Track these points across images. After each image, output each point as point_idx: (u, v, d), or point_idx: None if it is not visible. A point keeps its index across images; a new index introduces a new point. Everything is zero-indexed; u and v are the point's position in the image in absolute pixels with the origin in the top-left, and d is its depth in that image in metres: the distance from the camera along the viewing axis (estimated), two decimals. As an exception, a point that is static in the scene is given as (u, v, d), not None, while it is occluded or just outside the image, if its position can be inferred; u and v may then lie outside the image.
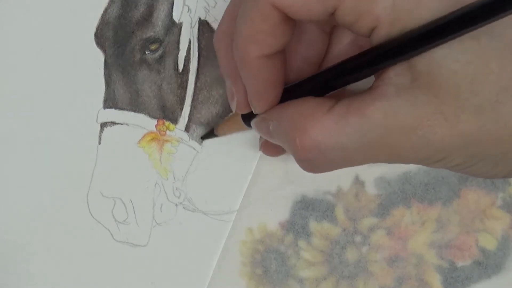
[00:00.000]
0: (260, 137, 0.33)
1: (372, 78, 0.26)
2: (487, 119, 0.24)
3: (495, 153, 0.26)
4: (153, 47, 0.34)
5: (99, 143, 0.35)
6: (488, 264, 0.34)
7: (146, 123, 0.35)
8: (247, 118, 0.30)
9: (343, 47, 0.30)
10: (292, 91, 0.28)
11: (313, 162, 0.27)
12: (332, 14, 0.25)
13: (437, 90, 0.24)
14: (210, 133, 0.35)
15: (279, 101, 0.28)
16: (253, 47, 0.26)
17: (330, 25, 0.30)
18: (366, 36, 0.25)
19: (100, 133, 0.35)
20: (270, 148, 0.33)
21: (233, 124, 0.32)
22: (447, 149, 0.25)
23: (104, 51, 0.35)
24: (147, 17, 0.34)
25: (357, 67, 0.26)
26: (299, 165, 0.28)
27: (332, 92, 0.28)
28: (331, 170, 0.28)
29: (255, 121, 0.30)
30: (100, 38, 0.35)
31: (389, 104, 0.25)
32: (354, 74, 0.26)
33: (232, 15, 0.28)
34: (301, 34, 0.29)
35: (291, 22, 0.25)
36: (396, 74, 0.25)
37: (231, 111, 0.34)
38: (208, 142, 0.35)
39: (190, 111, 0.35)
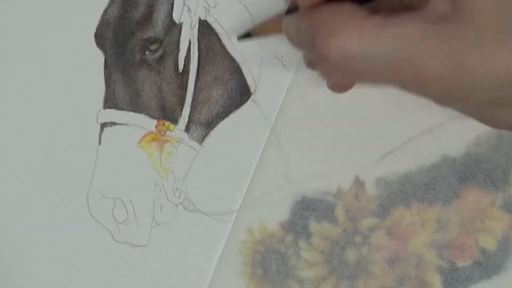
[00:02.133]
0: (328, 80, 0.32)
1: None
2: None
3: None
4: (153, 47, 0.34)
5: (99, 143, 0.35)
6: (488, 265, 0.34)
7: (146, 123, 0.35)
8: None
9: None
10: None
11: (335, 65, 0.26)
12: None
13: (479, 22, 0.24)
14: (246, 34, 0.33)
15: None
16: None
17: None
18: None
19: (100, 133, 0.35)
20: (338, 86, 0.32)
21: (271, 26, 0.31)
22: (478, 83, 0.24)
23: (104, 51, 0.35)
24: (147, 18, 0.34)
25: None
26: (320, 68, 0.27)
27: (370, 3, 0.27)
28: (347, 79, 0.27)
29: (287, 19, 0.29)
30: (100, 38, 0.35)
31: (429, 27, 0.24)
32: None
33: None
34: None
35: None
36: (440, 2, 0.24)
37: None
38: (208, 142, 0.35)
39: (190, 111, 0.35)
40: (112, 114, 0.35)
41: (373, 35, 0.25)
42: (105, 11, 0.35)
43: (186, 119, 0.35)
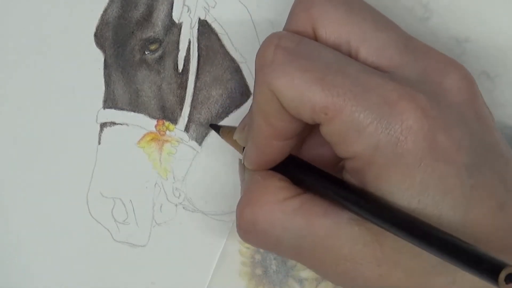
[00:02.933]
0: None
1: None
2: (417, 285, 0.25)
3: None
4: (152, 47, 0.34)
5: (99, 143, 0.35)
6: (488, 264, 0.34)
7: (146, 123, 0.35)
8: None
9: (316, 152, 0.30)
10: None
11: (247, 235, 0.28)
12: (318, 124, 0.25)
13: (383, 240, 0.25)
14: (217, 128, 0.34)
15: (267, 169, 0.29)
16: (264, 127, 0.26)
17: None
18: (341, 158, 0.26)
19: (99, 133, 0.35)
20: None
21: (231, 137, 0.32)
22: None
23: (104, 51, 0.35)
24: (147, 17, 0.34)
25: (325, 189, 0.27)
26: (236, 228, 0.28)
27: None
28: (260, 248, 0.30)
29: (241, 164, 0.31)
30: (100, 38, 0.35)
31: (336, 228, 0.25)
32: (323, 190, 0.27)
33: None
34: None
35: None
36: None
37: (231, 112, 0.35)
38: (208, 142, 0.35)
39: (190, 111, 0.35)
40: (112, 114, 0.35)
41: (285, 220, 0.26)
42: (105, 11, 0.35)
43: (186, 119, 0.35)
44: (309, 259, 0.27)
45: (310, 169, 0.28)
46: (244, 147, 0.30)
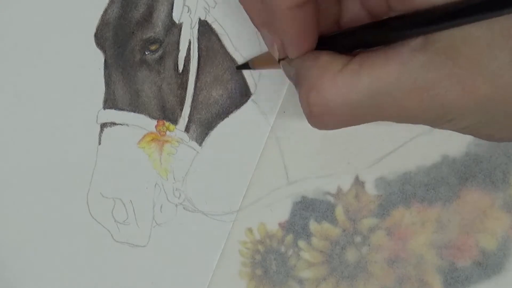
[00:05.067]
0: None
1: None
2: (501, 85, 0.24)
3: (504, 117, 0.26)
4: (153, 47, 0.34)
5: (99, 143, 0.35)
6: (488, 265, 0.34)
7: (146, 123, 0.35)
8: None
9: (355, 15, 0.30)
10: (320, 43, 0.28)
11: (322, 118, 0.27)
12: None
13: (453, 54, 0.24)
14: (245, 65, 0.34)
15: (314, 46, 0.28)
16: None
17: None
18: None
19: (100, 133, 0.35)
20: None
21: (269, 59, 0.32)
22: (459, 111, 0.25)
23: (104, 52, 0.35)
24: (147, 18, 0.34)
25: (375, 34, 0.26)
26: (308, 121, 0.28)
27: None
28: (340, 127, 0.28)
29: (283, 63, 0.30)
30: (100, 38, 0.35)
31: (403, 65, 0.25)
32: (372, 40, 0.26)
33: None
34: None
35: None
36: (412, 39, 0.25)
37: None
38: (208, 142, 0.35)
39: (190, 111, 0.35)
40: (112, 115, 0.35)
41: (350, 84, 0.26)
42: (105, 11, 0.35)
43: (186, 119, 0.35)
44: (390, 111, 0.26)
45: (351, 31, 0.28)
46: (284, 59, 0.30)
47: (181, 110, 0.35)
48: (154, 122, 0.35)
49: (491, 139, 0.29)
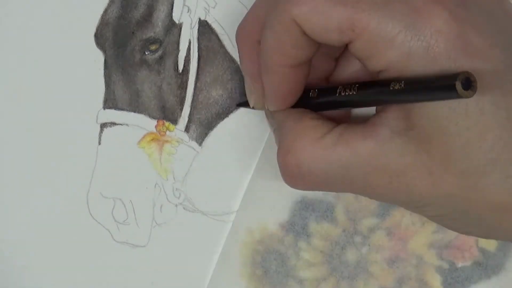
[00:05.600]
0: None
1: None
2: (470, 186, 0.25)
3: (470, 216, 0.26)
4: (153, 47, 0.34)
5: (99, 143, 0.35)
6: (488, 265, 0.34)
7: (146, 123, 0.35)
8: None
9: (348, 74, 0.30)
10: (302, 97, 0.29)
11: (294, 179, 0.28)
12: (347, 44, 0.25)
13: (429, 146, 0.24)
14: (245, 103, 0.34)
15: (293, 105, 0.29)
16: (278, 57, 0.26)
17: (340, 51, 0.30)
18: (374, 73, 0.26)
19: (100, 133, 0.35)
20: None
21: None
22: (425, 201, 0.26)
23: (104, 52, 0.35)
24: (147, 18, 0.34)
25: (360, 95, 0.26)
26: (282, 177, 0.29)
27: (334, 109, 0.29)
28: (310, 190, 0.29)
29: (267, 114, 0.31)
30: (100, 38, 0.35)
31: (380, 146, 0.25)
32: (356, 100, 0.27)
33: (255, 15, 0.29)
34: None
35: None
36: (394, 118, 0.25)
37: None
38: (208, 142, 0.35)
39: (190, 111, 0.35)
40: (112, 114, 0.35)
41: (326, 155, 0.26)
42: (105, 11, 0.35)
43: (186, 119, 0.35)
44: (360, 185, 0.27)
45: (333, 89, 0.28)
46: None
47: (181, 110, 0.35)
48: (154, 122, 0.35)
49: (459, 232, 0.29)
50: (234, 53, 0.35)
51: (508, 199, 0.25)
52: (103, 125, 0.35)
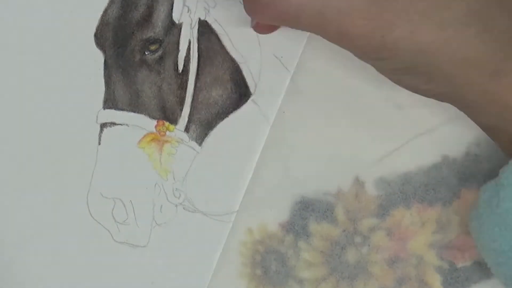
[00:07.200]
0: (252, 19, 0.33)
1: None
2: (447, 37, 0.24)
3: (435, 71, 0.26)
4: (153, 47, 0.34)
5: (99, 143, 0.35)
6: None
7: (146, 123, 0.35)
8: None
9: None
10: None
11: (261, 6, 0.26)
12: None
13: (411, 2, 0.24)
14: None
15: None
16: None
17: None
18: None
19: (100, 133, 0.35)
20: (262, 26, 0.32)
21: None
22: (396, 50, 0.25)
23: (104, 52, 0.35)
24: (147, 18, 0.34)
25: None
26: (244, 5, 0.27)
27: None
28: (274, 22, 0.28)
29: None
30: (100, 38, 0.35)
31: None
32: None
33: None
34: None
35: None
36: None
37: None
38: (208, 142, 0.35)
39: (190, 111, 0.35)
40: (112, 115, 0.35)
41: None
42: (105, 11, 0.35)
43: (186, 119, 0.35)
44: (334, 25, 0.25)
45: None
46: None
47: (181, 110, 0.35)
48: (154, 122, 0.35)
49: (413, 90, 0.28)
50: (234, 53, 0.35)
51: (480, 54, 0.25)
52: (103, 125, 0.35)
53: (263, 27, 0.32)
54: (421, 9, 0.24)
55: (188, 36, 0.35)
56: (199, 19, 0.35)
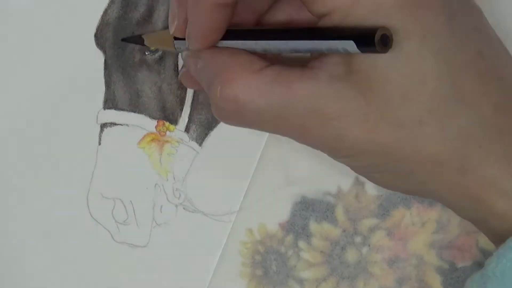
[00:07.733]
0: (183, 65, 0.33)
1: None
2: (405, 136, 0.24)
3: (400, 169, 0.26)
4: (153, 48, 0.34)
5: (99, 143, 0.35)
6: (488, 265, 0.34)
7: (146, 124, 0.35)
8: (180, 42, 0.30)
9: (282, 17, 0.29)
10: (230, 35, 0.28)
11: (227, 113, 0.27)
12: None
13: (368, 93, 0.24)
14: (135, 38, 0.34)
15: (214, 44, 0.28)
16: None
17: None
18: (316, 17, 0.25)
19: (100, 133, 0.35)
20: (189, 79, 0.32)
21: (164, 39, 0.32)
22: (356, 149, 0.25)
23: (104, 52, 0.35)
24: (147, 18, 0.34)
25: (298, 37, 0.25)
26: (213, 111, 0.28)
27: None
28: (241, 126, 0.28)
29: (185, 54, 0.30)
30: (100, 38, 0.35)
31: (317, 88, 0.25)
32: (292, 44, 0.26)
33: None
34: None
35: None
36: (334, 63, 0.25)
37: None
38: (208, 142, 0.35)
39: (190, 112, 0.35)
40: (112, 115, 0.35)
41: (262, 90, 0.26)
42: (105, 11, 0.35)
43: (186, 119, 0.35)
44: (293, 127, 0.26)
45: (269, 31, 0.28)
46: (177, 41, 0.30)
47: (181, 110, 0.35)
48: (154, 122, 0.35)
49: (383, 186, 0.28)
50: (234, 53, 0.35)
51: (442, 152, 0.24)
52: (103, 125, 0.35)
53: (189, 81, 0.33)
54: (377, 107, 0.24)
55: (188, 36, 0.35)
56: (199, 19, 0.35)
